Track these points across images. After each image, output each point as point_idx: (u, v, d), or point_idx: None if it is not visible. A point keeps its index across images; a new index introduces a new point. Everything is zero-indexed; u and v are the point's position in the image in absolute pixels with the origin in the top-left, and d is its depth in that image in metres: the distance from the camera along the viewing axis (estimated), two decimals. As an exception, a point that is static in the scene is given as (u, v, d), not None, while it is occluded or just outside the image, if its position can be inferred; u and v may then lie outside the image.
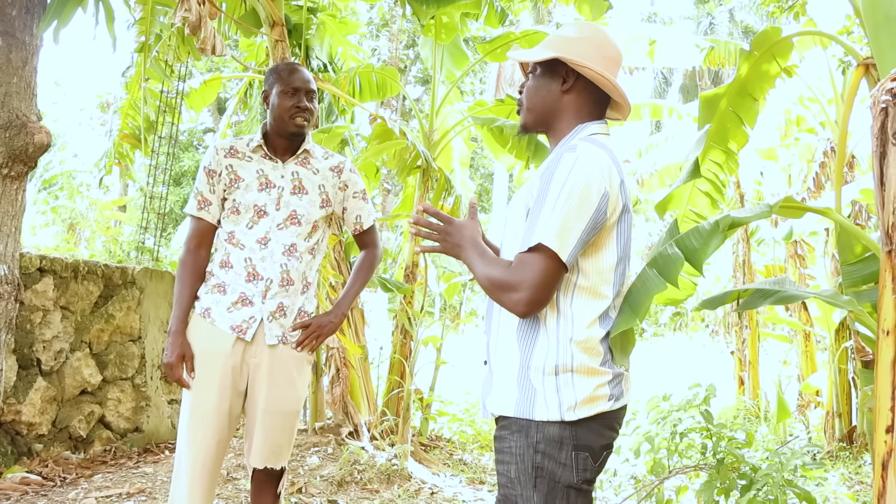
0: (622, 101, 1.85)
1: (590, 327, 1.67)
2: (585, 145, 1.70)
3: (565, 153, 1.68)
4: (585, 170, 1.64)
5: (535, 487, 1.65)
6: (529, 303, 1.61)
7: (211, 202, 2.60)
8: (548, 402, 1.65)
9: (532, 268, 1.61)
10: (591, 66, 1.76)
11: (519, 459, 1.66)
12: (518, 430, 1.67)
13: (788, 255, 8.18)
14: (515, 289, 1.61)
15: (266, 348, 2.54)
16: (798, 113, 8.60)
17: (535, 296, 1.61)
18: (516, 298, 1.61)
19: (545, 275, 1.61)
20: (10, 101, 2.42)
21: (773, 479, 2.92)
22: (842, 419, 6.22)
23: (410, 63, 22.41)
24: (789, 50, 3.33)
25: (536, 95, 1.85)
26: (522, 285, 1.61)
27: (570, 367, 1.65)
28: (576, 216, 1.61)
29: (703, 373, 10.70)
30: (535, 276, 1.60)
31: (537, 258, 1.61)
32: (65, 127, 20.00)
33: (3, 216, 2.42)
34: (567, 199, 1.61)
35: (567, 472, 1.65)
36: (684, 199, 3.45)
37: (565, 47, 1.79)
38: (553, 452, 1.64)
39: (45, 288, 4.48)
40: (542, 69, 1.85)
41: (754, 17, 28.03)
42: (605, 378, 1.68)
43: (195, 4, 4.04)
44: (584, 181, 1.63)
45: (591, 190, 1.63)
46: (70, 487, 4.09)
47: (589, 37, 1.82)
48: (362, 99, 6.48)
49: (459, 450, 5.94)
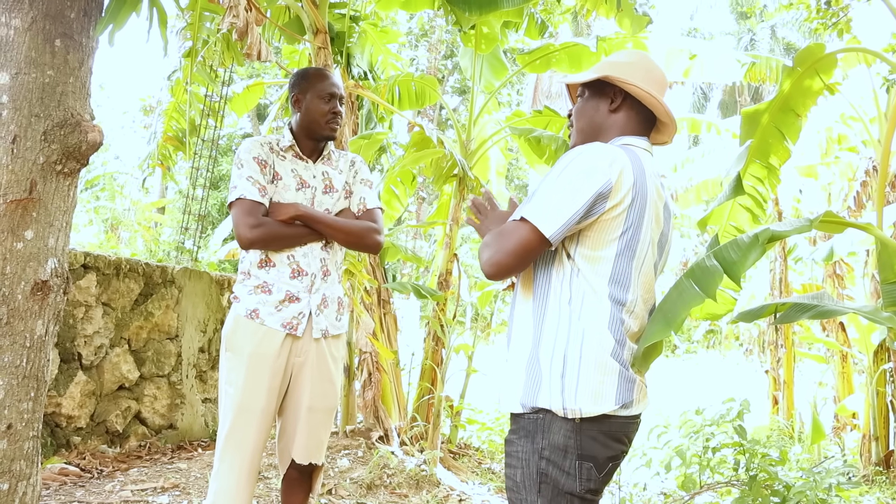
0: (668, 119, 1.89)
1: (600, 317, 1.70)
2: (603, 145, 1.76)
3: (579, 147, 1.77)
4: (592, 157, 1.70)
5: (540, 493, 1.68)
6: (495, 264, 1.70)
7: (267, 190, 2.59)
8: (552, 387, 1.68)
9: (510, 235, 1.70)
10: (637, 85, 1.82)
11: (524, 465, 1.70)
12: (525, 436, 1.71)
13: (827, 275, 8.06)
14: (489, 248, 1.72)
15: (312, 343, 2.61)
16: (840, 131, 8.49)
17: (503, 259, 1.70)
18: (485, 257, 1.72)
19: (519, 244, 1.69)
20: (65, 100, 2.49)
21: (807, 497, 2.88)
22: (878, 443, 6.10)
23: (448, 73, 22.52)
24: (833, 66, 3.31)
25: (585, 116, 1.91)
26: (495, 247, 1.71)
27: (578, 351, 1.68)
28: (570, 198, 1.67)
29: (737, 391, 10.55)
30: (509, 243, 1.69)
31: (517, 227, 1.70)
32: (108, 129, 20.41)
33: (56, 211, 2.50)
34: (566, 180, 1.69)
35: (570, 481, 1.67)
36: (725, 215, 3.44)
37: (613, 70, 1.86)
38: (557, 460, 1.67)
39: (88, 284, 4.59)
40: (590, 91, 1.91)
41: (797, 34, 27.67)
42: (612, 374, 1.70)
43: (243, 11, 4.12)
44: (587, 166, 1.69)
45: (593, 176, 1.68)
46: (106, 480, 4.17)
47: (636, 62, 1.88)
48: (401, 107, 6.54)
49: (488, 458, 5.93)
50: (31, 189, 2.41)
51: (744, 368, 17.13)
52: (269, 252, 2.59)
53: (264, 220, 2.53)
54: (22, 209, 2.40)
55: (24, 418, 2.41)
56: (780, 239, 2.27)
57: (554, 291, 1.74)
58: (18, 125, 2.40)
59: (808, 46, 3.29)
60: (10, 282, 2.37)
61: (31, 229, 2.42)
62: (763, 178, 3.35)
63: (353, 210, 2.77)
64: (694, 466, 3.68)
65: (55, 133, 2.45)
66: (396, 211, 6.72)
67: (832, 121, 8.44)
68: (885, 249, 2.69)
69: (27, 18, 2.42)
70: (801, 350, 9.17)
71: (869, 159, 7.21)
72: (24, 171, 2.40)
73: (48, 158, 2.44)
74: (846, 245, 6.30)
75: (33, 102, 2.41)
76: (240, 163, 2.60)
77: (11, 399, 2.37)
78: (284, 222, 2.55)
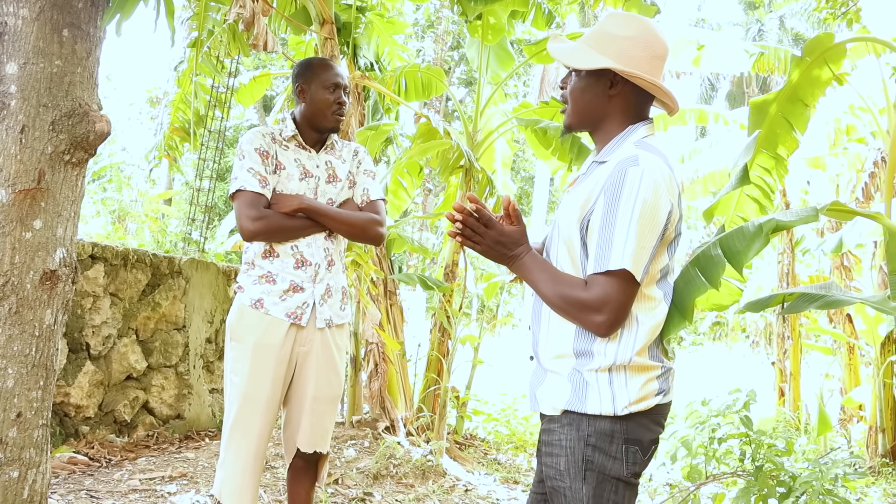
0: (671, 102, 1.84)
1: (644, 326, 1.69)
2: (645, 155, 1.69)
3: (629, 168, 1.66)
4: (653, 187, 1.64)
5: (585, 480, 1.67)
6: (612, 325, 1.66)
7: (269, 181, 2.59)
8: (602, 397, 1.67)
9: (614, 291, 1.64)
10: (640, 75, 1.74)
11: (569, 452, 1.69)
12: (569, 424, 1.70)
13: (834, 266, 8.02)
14: (598, 311, 1.65)
15: (316, 333, 2.62)
16: (848, 122, 8.44)
17: (618, 318, 1.65)
18: (599, 321, 1.65)
19: (626, 298, 1.65)
20: (73, 90, 2.50)
21: (812, 487, 2.89)
22: (885, 434, 6.09)
23: (454, 64, 22.47)
24: (842, 56, 3.29)
25: (582, 98, 1.82)
26: (605, 308, 1.64)
27: (625, 364, 1.68)
28: (648, 236, 1.64)
29: (743, 383, 10.55)
30: (617, 300, 1.64)
31: (618, 282, 1.64)
32: (114, 121, 20.41)
33: (64, 201, 2.51)
34: (639, 219, 1.63)
35: (617, 465, 1.67)
36: (732, 205, 3.43)
37: (613, 49, 1.75)
38: (604, 446, 1.67)
39: (95, 274, 4.61)
40: (588, 70, 1.80)
41: (805, 24, 27.51)
42: (655, 373, 1.71)
43: (249, 1, 4.12)
44: (653, 200, 1.64)
45: (660, 208, 1.65)
46: (115, 469, 4.20)
47: (636, 35, 1.76)
48: (408, 98, 6.53)
49: (494, 449, 5.95)
50: (39, 179, 2.42)
51: (750, 360, 17.11)
52: (272, 243, 2.61)
53: (266, 212, 2.53)
54: (30, 199, 2.41)
55: (33, 407, 2.42)
56: (785, 229, 2.26)
57: None
58: (27, 115, 2.41)
59: (817, 36, 3.27)
60: (18, 271, 2.39)
61: (40, 219, 2.43)
62: (771, 168, 3.34)
63: (356, 201, 2.77)
64: (700, 457, 3.68)
65: (63, 123, 2.46)
66: (403, 202, 6.72)
67: (840, 111, 8.38)
68: (893, 239, 2.68)
69: (35, 8, 2.42)
70: (808, 342, 9.15)
71: (878, 150, 7.16)
72: (33, 161, 2.41)
73: (56, 148, 2.45)
74: (855, 236, 6.26)
75: (41, 92, 2.42)
76: (242, 154, 2.60)
77: (21, 388, 2.39)
78: (287, 214, 2.56)
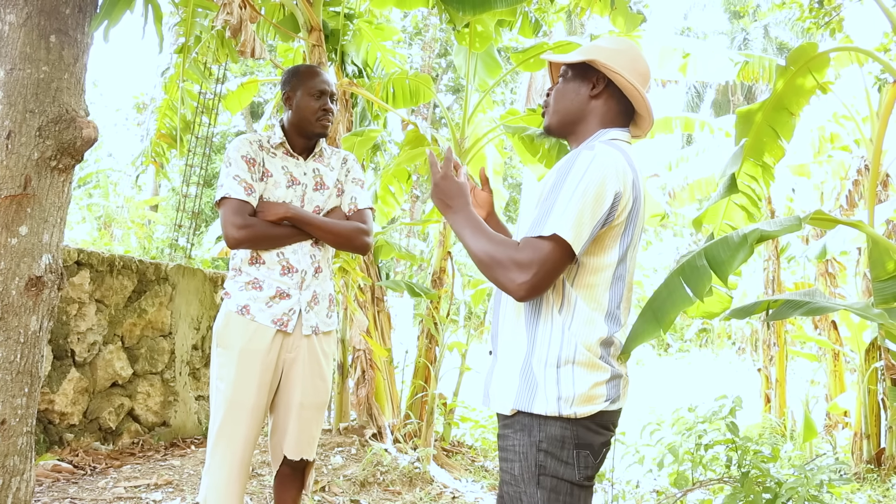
0: (646, 114, 1.88)
1: (594, 323, 1.71)
2: (604, 147, 1.74)
3: (584, 150, 1.72)
4: (602, 169, 1.67)
5: (539, 485, 1.69)
6: (532, 287, 1.63)
7: (255, 189, 2.58)
8: (547, 394, 1.68)
9: (542, 253, 1.63)
10: (622, 74, 1.81)
11: (522, 458, 1.70)
12: (521, 429, 1.71)
13: (819, 273, 8.10)
14: (521, 270, 1.63)
15: (303, 339, 2.61)
16: (832, 130, 8.54)
17: (540, 283, 1.63)
18: (520, 281, 1.63)
19: (553, 262, 1.63)
20: (60, 96, 2.49)
21: (798, 493, 2.90)
22: (870, 441, 6.14)
23: (442, 72, 22.52)
24: (825, 65, 3.33)
25: (564, 98, 1.88)
26: (528, 269, 1.62)
27: (571, 359, 1.69)
28: (590, 213, 1.65)
29: (729, 390, 10.60)
30: (543, 262, 1.63)
31: (549, 246, 1.63)
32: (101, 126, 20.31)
33: (51, 207, 2.49)
34: (583, 194, 1.65)
35: (570, 470, 1.69)
36: (720, 214, 3.46)
37: (600, 53, 1.84)
38: (556, 451, 1.68)
39: (81, 281, 4.58)
40: (573, 73, 1.88)
41: (789, 33, 27.74)
42: (604, 375, 1.71)
43: (237, 8, 4.13)
44: (600, 179, 1.66)
45: (606, 189, 1.66)
46: (100, 476, 4.17)
47: (623, 49, 1.86)
48: (395, 105, 6.54)
49: (481, 456, 5.95)
50: (25, 185, 2.41)
51: (736, 367, 17.19)
52: (258, 250, 2.60)
53: (251, 220, 2.53)
54: (16, 205, 2.40)
55: (17, 414, 2.40)
56: (770, 238, 2.28)
57: (546, 298, 1.73)
58: (13, 121, 2.40)
59: (801, 45, 3.31)
60: (4, 277, 2.37)
61: (26, 225, 2.42)
62: (758, 176, 3.37)
63: (343, 209, 2.76)
64: (686, 463, 3.70)
65: (50, 129, 2.45)
66: (392, 208, 6.72)
67: (825, 120, 8.48)
68: (876, 247, 2.71)
69: (22, 14, 2.42)
70: (794, 349, 9.21)
71: (861, 158, 7.24)
72: (19, 167, 2.40)
73: (43, 154, 2.44)
74: (839, 243, 6.32)
75: (28, 98, 2.41)
76: (228, 161, 2.60)
77: (5, 394, 2.37)
78: (272, 222, 2.56)
